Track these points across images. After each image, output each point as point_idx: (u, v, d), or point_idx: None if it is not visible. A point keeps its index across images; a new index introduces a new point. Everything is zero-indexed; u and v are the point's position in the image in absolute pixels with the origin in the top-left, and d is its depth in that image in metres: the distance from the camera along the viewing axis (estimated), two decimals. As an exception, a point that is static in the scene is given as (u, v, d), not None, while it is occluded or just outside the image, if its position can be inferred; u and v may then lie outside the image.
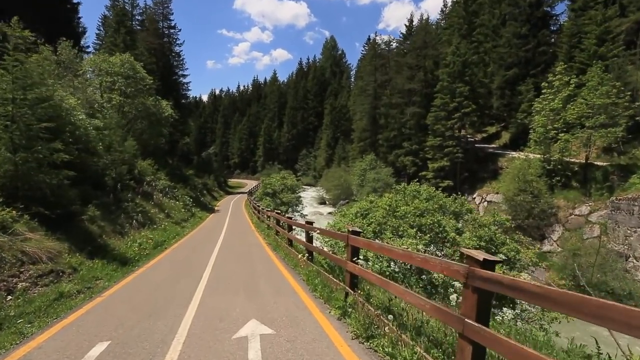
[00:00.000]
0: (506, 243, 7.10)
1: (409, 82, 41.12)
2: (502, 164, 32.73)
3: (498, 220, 7.98)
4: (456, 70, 33.19)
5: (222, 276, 7.11)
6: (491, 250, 6.56)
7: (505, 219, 8.22)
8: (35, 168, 8.49)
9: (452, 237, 6.54)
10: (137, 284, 6.71)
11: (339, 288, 5.08)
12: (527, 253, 7.40)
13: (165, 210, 17.40)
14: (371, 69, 52.63)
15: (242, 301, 5.27)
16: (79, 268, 7.50)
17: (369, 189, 38.00)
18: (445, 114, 34.09)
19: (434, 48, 40.99)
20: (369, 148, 49.90)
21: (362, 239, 4.38)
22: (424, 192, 9.10)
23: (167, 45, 49.52)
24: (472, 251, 2.41)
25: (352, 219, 8.91)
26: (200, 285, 6.30)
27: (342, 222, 8.97)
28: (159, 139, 30.58)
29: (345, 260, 4.89)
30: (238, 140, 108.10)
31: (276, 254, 9.68)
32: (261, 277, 6.91)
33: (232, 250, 10.62)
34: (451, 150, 33.36)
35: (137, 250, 10.06)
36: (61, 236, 8.12)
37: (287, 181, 30.20)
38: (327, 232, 6.26)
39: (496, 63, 42.79)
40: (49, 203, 8.27)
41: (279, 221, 11.83)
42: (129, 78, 25.08)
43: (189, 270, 7.89)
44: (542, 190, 23.16)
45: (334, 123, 75.73)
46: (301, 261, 6.74)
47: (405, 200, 8.78)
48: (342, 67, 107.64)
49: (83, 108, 15.24)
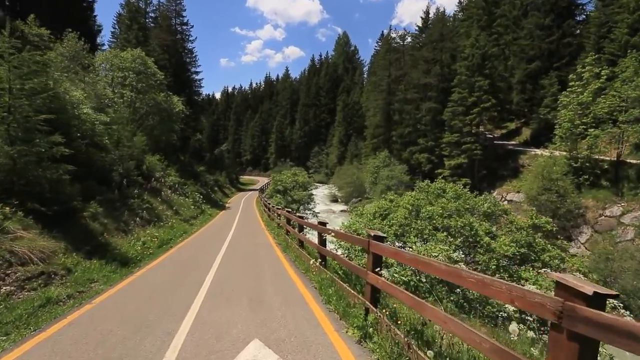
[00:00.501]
0: (547, 249, 6.15)
1: (425, 76, 39.79)
2: (524, 161, 31.22)
3: (538, 223, 7.02)
4: (475, 63, 31.75)
5: (226, 281, 6.46)
6: (530, 258, 5.67)
7: (546, 221, 7.23)
8: (33, 162, 8.02)
9: (487, 242, 5.67)
10: (132, 289, 6.12)
11: (357, 302, 4.34)
12: (572, 261, 6.43)
13: (173, 207, 16.97)
14: (385, 63, 51.32)
15: (245, 314, 4.58)
16: (75, 269, 6.97)
17: (383, 187, 37.03)
18: (463, 109, 32.73)
19: (451, 41, 39.47)
20: (383, 145, 48.75)
21: (387, 247, 3.61)
22: (449, 191, 8.18)
23: (180, 42, 49.48)
24: (571, 278, 1.61)
25: (369, 219, 8.09)
26: (201, 292, 5.65)
27: (358, 223, 8.17)
28: (171, 135, 30.37)
29: (365, 270, 4.14)
30: (250, 137, 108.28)
31: (286, 256, 9.00)
32: (268, 282, 6.23)
33: (239, 251, 10.00)
34: (469, 146, 32.02)
35: (140, 249, 9.54)
36: (57, 234, 7.62)
37: (298, 178, 29.30)
38: (343, 236, 5.49)
39: (517, 56, 41.02)
40: (46, 199, 7.78)
41: (290, 220, 11.14)
42: (140, 73, 24.82)
43: (191, 273, 7.28)
44: (568, 189, 21.77)
45: (346, 120, 74.68)
46: (313, 266, 6.01)
47: (429, 199, 7.91)
48: (354, 64, 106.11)
49: (91, 102, 14.91)
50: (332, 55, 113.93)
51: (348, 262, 4.79)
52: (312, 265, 5.98)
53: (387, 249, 3.59)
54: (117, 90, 23.34)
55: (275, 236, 12.51)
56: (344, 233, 5.37)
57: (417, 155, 40.79)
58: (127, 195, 13.13)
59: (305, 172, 34.13)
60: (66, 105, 11.40)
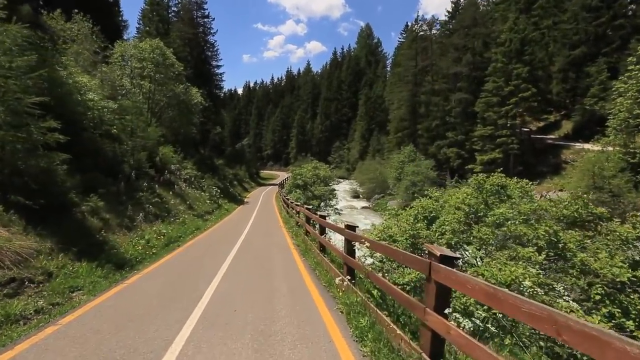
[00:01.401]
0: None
1: (455, 64, 37.19)
2: (567, 156, 28.38)
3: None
4: (513, 48, 29.03)
5: (228, 298, 5.20)
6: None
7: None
8: (23, 150, 7.07)
9: (582, 259, 4.01)
10: (113, 306, 4.96)
11: (405, 348, 2.91)
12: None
13: (187, 202, 16.06)
14: (411, 53, 48.74)
15: (245, 355, 3.28)
16: (57, 274, 5.95)
17: (407, 183, 35.09)
18: (498, 100, 30.14)
19: (484, 26, 36.55)
20: (407, 139, 46.51)
21: (469, 279, 2.15)
22: (513, 187, 6.47)
23: (202, 35, 49.10)
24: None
25: (409, 221, 6.51)
26: (193, 315, 4.41)
27: (395, 226, 6.58)
28: (189, 128, 29.81)
29: (421, 307, 2.70)
30: (271, 132, 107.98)
31: (304, 261, 7.67)
32: (282, 302, 4.91)
33: (251, 253, 8.78)
34: (504, 140, 29.46)
35: (142, 249, 8.50)
36: (43, 232, 6.64)
37: (319, 172, 27.52)
38: (384, 249, 3.83)
39: (558, 42, 37.67)
40: (33, 191, 6.81)
41: (310, 219, 9.81)
42: (158, 65, 24.17)
43: (190, 283, 6.09)
44: (623, 188, 19.21)
45: (368, 114, 72.58)
46: (339, 284, 4.63)
47: (485, 198, 6.25)
48: (377, 57, 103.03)
49: (104, 90, 14.15)
50: (354, 48, 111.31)
51: (393, 288, 3.36)
52: (338, 283, 4.59)
53: (469, 281, 2.13)
54: (136, 82, 22.82)
55: (294, 236, 11.23)
56: (384, 245, 3.88)
57: (445, 149, 38.42)
58: (136, 188, 12.24)
59: (327, 166, 32.43)
60: (70, 91, 10.57)
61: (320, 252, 7.54)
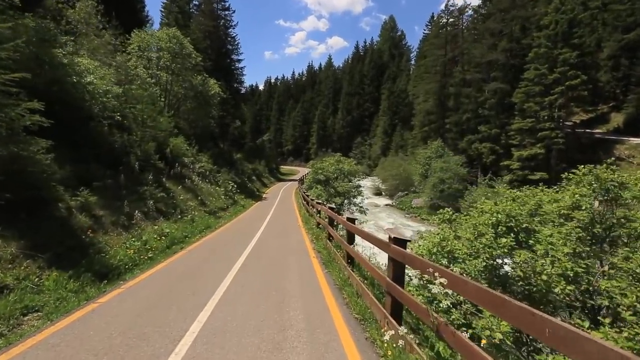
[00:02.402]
0: None
1: (490, 52, 34.27)
2: (621, 152, 25.22)
3: None
4: (559, 31, 26.02)
5: (223, 339, 3.69)
6: None
7: None
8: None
9: None
10: (62, 343, 3.56)
11: None
12: None
13: (199, 197, 14.86)
14: (439, 42, 45.81)
15: None
16: (14, 287, 4.67)
17: (435, 180, 32.76)
18: (540, 89, 27.20)
19: (524, 8, 33.34)
20: (434, 134, 43.87)
21: None
22: (632, 185, 4.54)
23: (222, 28, 48.30)
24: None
25: (486, 231, 4.47)
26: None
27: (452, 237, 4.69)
28: (208, 120, 28.89)
29: None
30: (292, 127, 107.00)
31: (327, 275, 6.10)
32: (296, 351, 3.34)
33: (264, 261, 7.29)
34: (547, 134, 26.57)
35: (135, 253, 7.19)
36: (6, 233, 5.41)
37: (343, 165, 25.42)
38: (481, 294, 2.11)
39: (608, 25, 33.97)
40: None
41: (333, 221, 8.21)
42: (176, 54, 23.23)
43: (180, 305, 4.65)
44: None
45: (391, 109, 69.96)
46: (381, 320, 2.99)
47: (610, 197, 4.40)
48: (401, 50, 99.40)
49: (112, 75, 13.10)
50: (377, 42, 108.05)
51: None
52: (387, 340, 2.93)
53: None
54: (153, 72, 21.99)
55: (314, 239, 9.68)
56: (487, 290, 2.09)
57: (477, 144, 35.65)
58: (140, 181, 11.07)
59: (351, 160, 30.38)
60: (68, 73, 9.45)
61: (347, 264, 5.94)
